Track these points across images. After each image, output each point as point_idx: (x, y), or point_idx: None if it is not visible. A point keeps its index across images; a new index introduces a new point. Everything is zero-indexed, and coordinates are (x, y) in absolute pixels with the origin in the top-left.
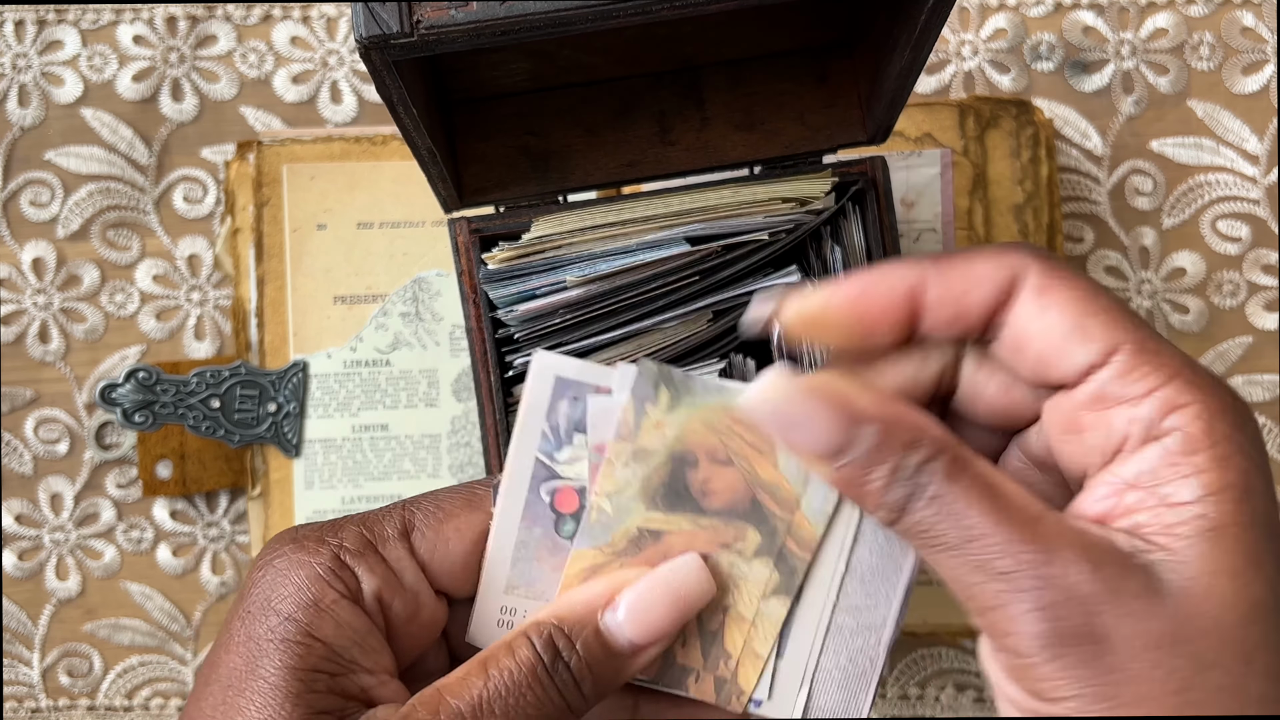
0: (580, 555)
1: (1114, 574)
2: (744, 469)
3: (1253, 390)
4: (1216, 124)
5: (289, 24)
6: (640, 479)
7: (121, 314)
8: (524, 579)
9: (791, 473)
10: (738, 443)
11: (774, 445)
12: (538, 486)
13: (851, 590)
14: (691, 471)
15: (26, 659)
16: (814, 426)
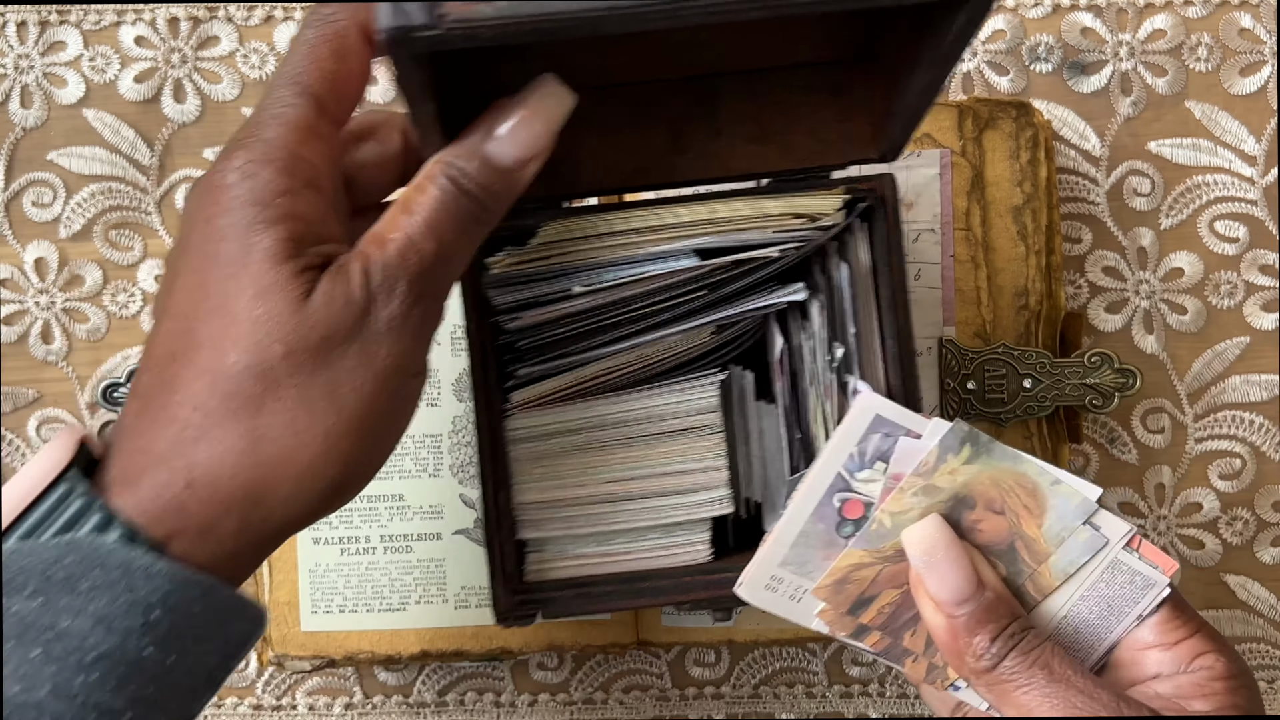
0: (852, 553)
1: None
2: (1012, 521)
3: (1250, 390)
4: (1214, 125)
5: (290, 25)
6: (923, 507)
7: (124, 314)
8: (797, 559)
9: (1051, 535)
10: (1014, 500)
11: (1044, 509)
12: (833, 494)
13: (1064, 633)
14: (968, 512)
15: None
16: (951, 575)
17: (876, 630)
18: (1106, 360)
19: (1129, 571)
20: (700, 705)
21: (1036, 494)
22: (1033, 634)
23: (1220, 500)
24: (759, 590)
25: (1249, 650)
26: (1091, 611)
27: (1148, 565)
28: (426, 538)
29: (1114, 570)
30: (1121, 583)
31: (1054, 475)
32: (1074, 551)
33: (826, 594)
